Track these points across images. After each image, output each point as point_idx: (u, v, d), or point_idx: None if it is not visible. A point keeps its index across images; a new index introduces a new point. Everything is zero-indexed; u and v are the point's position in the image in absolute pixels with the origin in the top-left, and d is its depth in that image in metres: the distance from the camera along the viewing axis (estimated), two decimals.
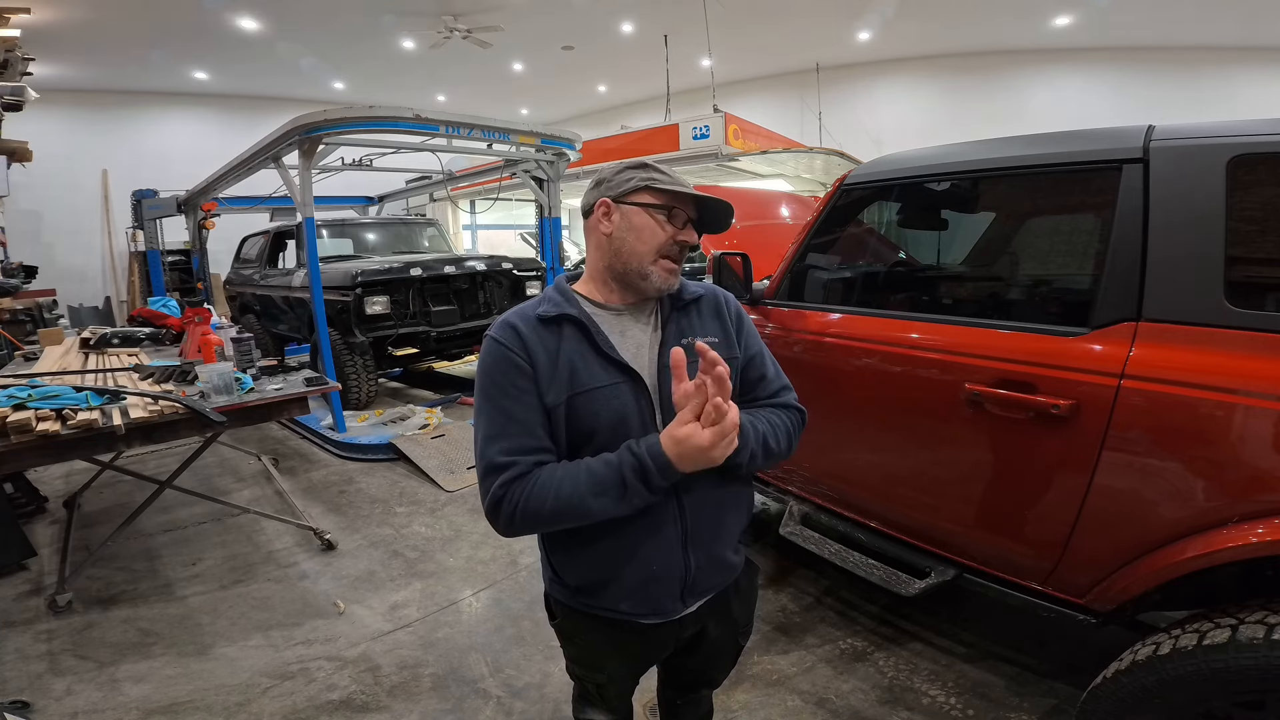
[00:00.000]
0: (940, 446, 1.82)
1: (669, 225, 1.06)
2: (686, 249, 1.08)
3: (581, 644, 1.23)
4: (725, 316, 1.17)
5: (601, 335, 1.05)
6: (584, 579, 1.11)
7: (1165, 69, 8.97)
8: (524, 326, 1.04)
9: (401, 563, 2.95)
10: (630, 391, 1.04)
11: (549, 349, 1.03)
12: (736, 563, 1.19)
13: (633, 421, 1.03)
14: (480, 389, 1.04)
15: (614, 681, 1.29)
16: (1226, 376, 1.25)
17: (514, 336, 1.03)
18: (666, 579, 1.08)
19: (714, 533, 1.11)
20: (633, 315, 1.11)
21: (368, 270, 4.86)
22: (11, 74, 5.80)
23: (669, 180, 1.07)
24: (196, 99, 11.08)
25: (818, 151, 8.38)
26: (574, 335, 1.04)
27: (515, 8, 8.11)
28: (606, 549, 1.07)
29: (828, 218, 2.23)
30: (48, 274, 7.56)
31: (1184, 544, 1.30)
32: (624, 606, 1.10)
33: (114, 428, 2.25)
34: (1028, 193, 2.03)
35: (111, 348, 4.05)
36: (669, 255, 1.07)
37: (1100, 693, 1.35)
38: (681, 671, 1.39)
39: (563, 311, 1.05)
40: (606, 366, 1.04)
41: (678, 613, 1.13)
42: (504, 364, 1.02)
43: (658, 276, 1.06)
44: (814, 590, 2.56)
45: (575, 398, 1.01)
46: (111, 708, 2.01)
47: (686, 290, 1.15)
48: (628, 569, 1.07)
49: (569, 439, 1.04)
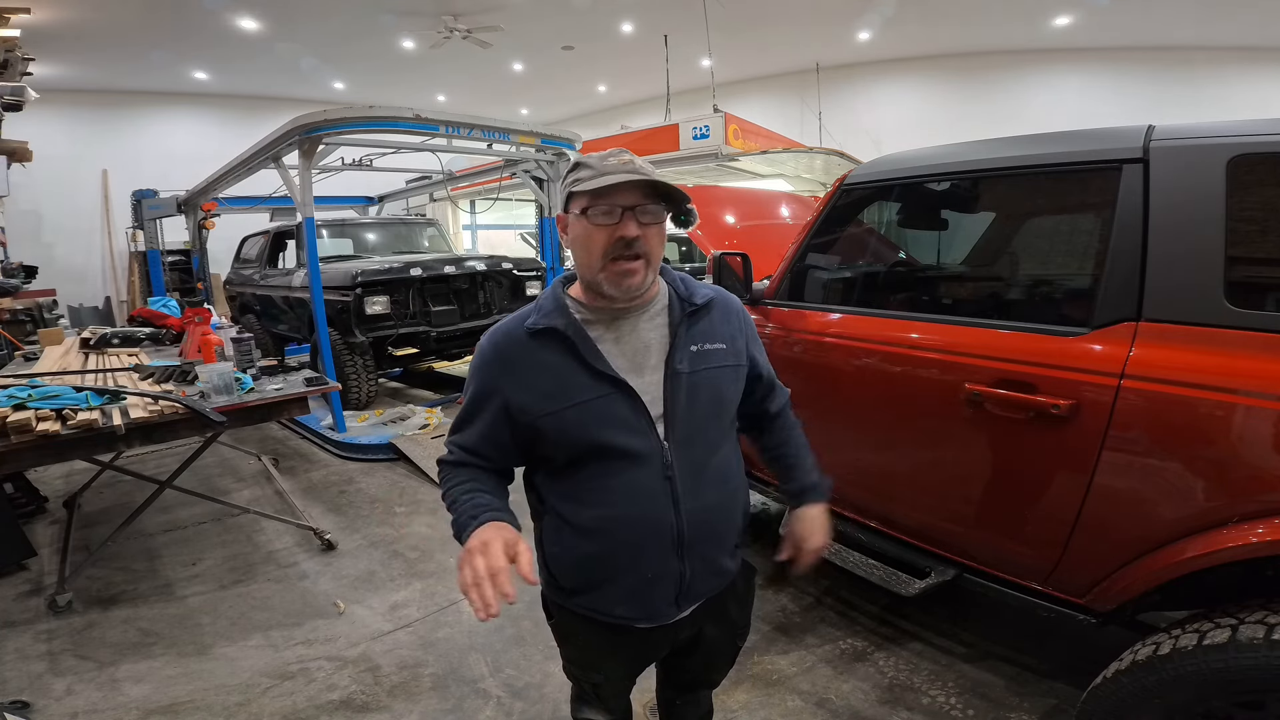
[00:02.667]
0: (940, 446, 1.82)
1: (604, 225, 0.97)
2: (635, 242, 0.98)
3: (578, 645, 1.23)
4: (735, 322, 1.16)
5: (589, 347, 1.02)
6: (578, 581, 1.11)
7: (1165, 69, 8.97)
8: (511, 341, 1.06)
9: (401, 563, 2.95)
10: (623, 401, 1.02)
11: (534, 363, 1.03)
12: (731, 568, 1.18)
13: (631, 431, 1.02)
14: (468, 380, 1.13)
15: (610, 681, 1.29)
16: (1226, 376, 1.25)
17: (494, 355, 1.07)
18: (661, 584, 1.08)
19: (710, 539, 1.11)
20: (633, 321, 1.07)
21: (368, 270, 4.86)
22: (11, 74, 5.80)
23: (588, 176, 0.97)
24: (196, 99, 11.08)
25: (818, 151, 8.37)
26: (562, 348, 1.02)
27: (515, 8, 8.11)
28: (601, 553, 1.06)
29: (828, 218, 2.22)
30: (48, 274, 7.55)
31: (1184, 544, 1.29)
32: (618, 611, 1.10)
33: (114, 428, 2.25)
34: (1028, 193, 2.02)
35: (111, 348, 4.05)
36: (618, 255, 0.98)
37: (1100, 693, 1.35)
38: (679, 671, 1.39)
39: (550, 324, 1.03)
40: (595, 379, 1.02)
41: (672, 617, 1.12)
42: (483, 375, 1.08)
43: (609, 283, 1.00)
44: (814, 590, 2.56)
45: (563, 411, 1.01)
46: (111, 708, 2.01)
47: (697, 293, 1.11)
48: (622, 574, 1.07)
49: (568, 451, 1.04)
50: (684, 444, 1.05)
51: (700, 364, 1.07)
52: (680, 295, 1.10)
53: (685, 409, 1.05)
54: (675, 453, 1.04)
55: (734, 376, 1.13)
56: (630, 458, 1.02)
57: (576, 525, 1.07)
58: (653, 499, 1.03)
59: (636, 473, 1.03)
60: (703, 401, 1.07)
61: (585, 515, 1.06)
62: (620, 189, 0.96)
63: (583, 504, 1.06)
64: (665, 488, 1.04)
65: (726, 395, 1.12)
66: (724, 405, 1.12)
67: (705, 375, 1.07)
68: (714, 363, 1.09)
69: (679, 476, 1.04)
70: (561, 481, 1.08)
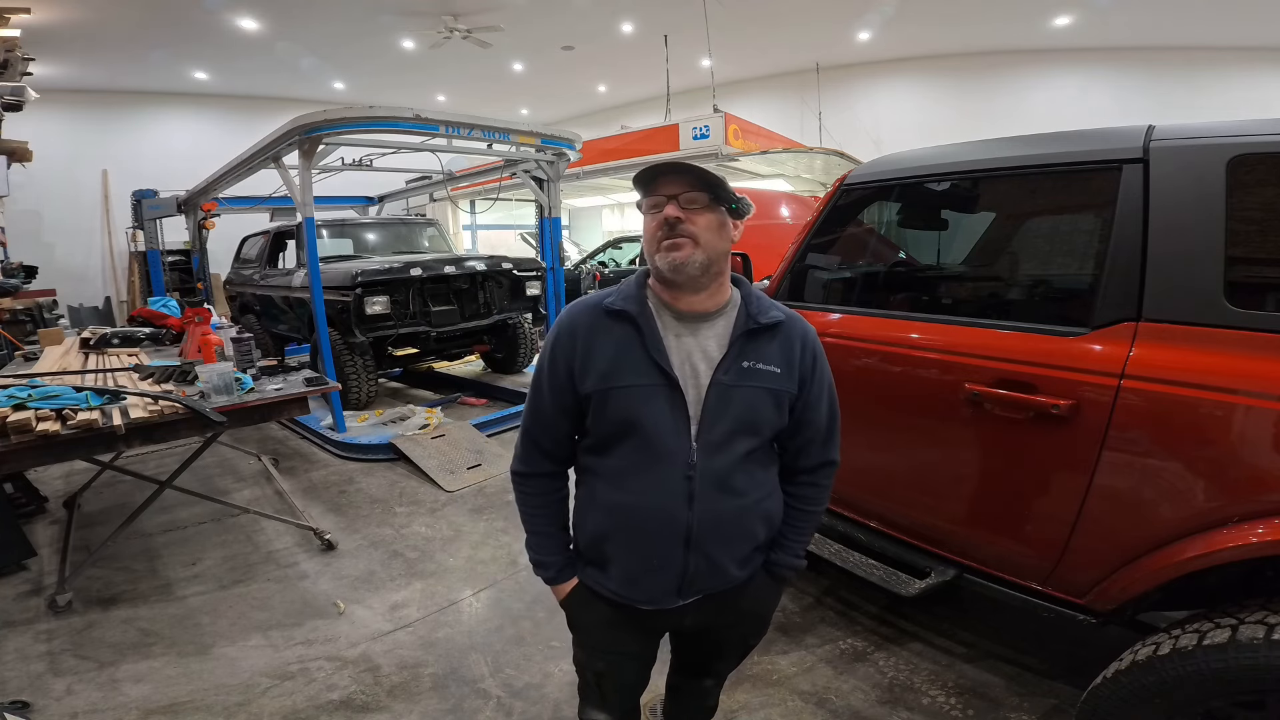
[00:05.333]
0: (940, 446, 1.82)
1: (654, 214, 1.09)
2: (678, 223, 1.06)
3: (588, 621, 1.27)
4: (799, 352, 1.15)
5: (654, 336, 1.09)
6: (593, 554, 1.21)
7: (1165, 69, 8.96)
8: (586, 314, 1.14)
9: (401, 563, 2.95)
10: (666, 396, 1.08)
11: (602, 337, 1.11)
12: (738, 576, 1.20)
13: (664, 425, 1.08)
14: (539, 361, 1.20)
15: (613, 672, 1.32)
16: (1226, 376, 1.25)
17: (569, 323, 1.15)
18: (664, 572, 1.14)
19: (718, 541, 1.14)
20: (698, 325, 1.13)
21: (368, 270, 4.86)
22: (11, 74, 5.80)
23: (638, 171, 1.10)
24: (196, 99, 11.07)
25: (818, 151, 8.37)
26: (629, 331, 1.10)
27: (515, 8, 8.11)
28: (615, 533, 1.15)
29: (828, 218, 2.22)
30: (48, 274, 7.55)
31: (1184, 544, 1.30)
32: (623, 591, 1.17)
33: (114, 428, 2.25)
34: (1028, 193, 2.02)
35: (111, 348, 4.05)
36: (663, 237, 1.08)
37: (1100, 693, 1.35)
38: (685, 652, 1.46)
39: (624, 308, 1.11)
40: (650, 368, 1.08)
41: (673, 604, 1.18)
42: (556, 341, 1.16)
43: (662, 262, 1.08)
44: (814, 590, 2.56)
45: (612, 390, 1.08)
46: (111, 708, 2.01)
47: (766, 313, 1.14)
48: (630, 556, 1.15)
49: (606, 428, 1.11)
50: (710, 450, 1.10)
51: (745, 380, 1.11)
52: (750, 311, 1.14)
53: (718, 418, 1.10)
54: (701, 456, 1.09)
55: (776, 400, 1.14)
56: (659, 451, 1.09)
57: (601, 503, 1.16)
58: (671, 494, 1.09)
59: (662, 467, 1.09)
60: (735, 414, 1.10)
61: (610, 496, 1.15)
62: (666, 181, 1.08)
63: (612, 484, 1.14)
64: (685, 487, 1.09)
65: (762, 416, 1.13)
66: (757, 424, 1.13)
67: (744, 392, 1.11)
68: (759, 382, 1.11)
69: (699, 478, 1.09)
70: (598, 458, 1.17)
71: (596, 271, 8.26)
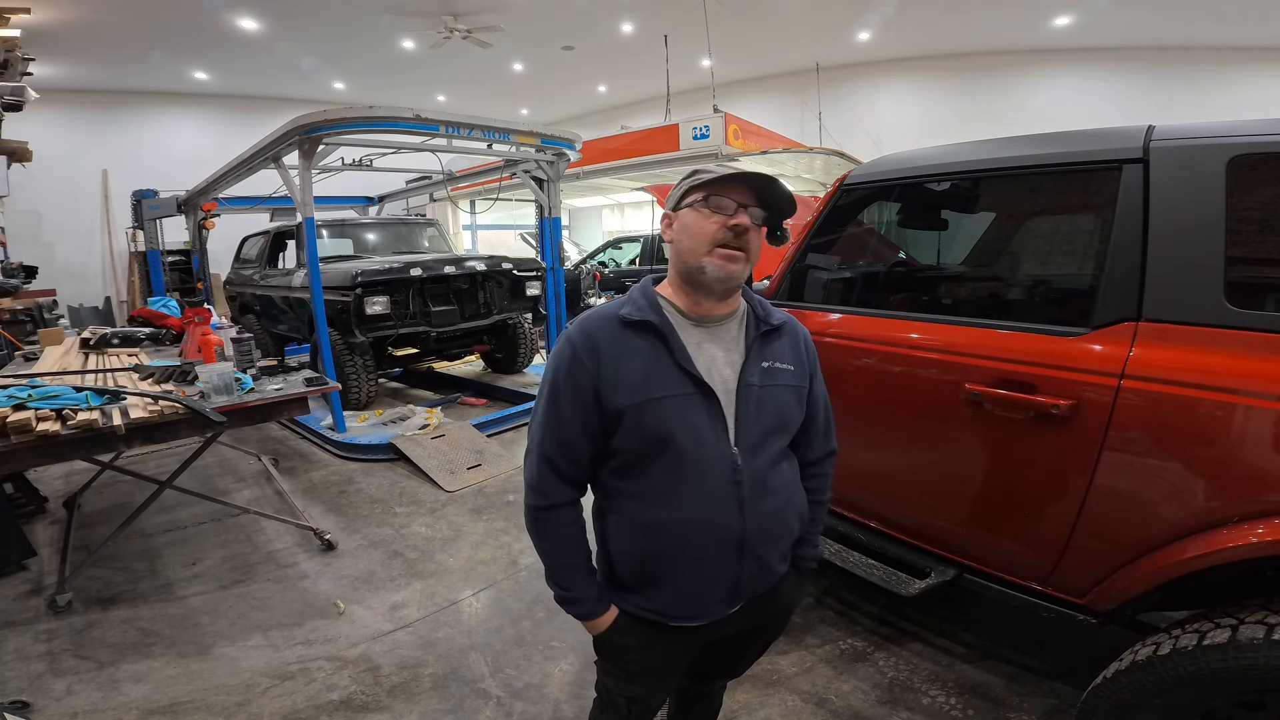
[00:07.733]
0: (940, 447, 1.82)
1: (716, 215, 1.06)
2: (742, 232, 1.06)
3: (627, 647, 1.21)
4: (802, 349, 1.22)
5: (679, 345, 1.08)
6: (639, 579, 1.14)
7: (1165, 69, 8.96)
8: (603, 330, 1.09)
9: (401, 563, 2.95)
10: (702, 404, 1.07)
11: (625, 350, 1.07)
12: (781, 571, 1.21)
13: (705, 434, 1.07)
14: (547, 382, 1.12)
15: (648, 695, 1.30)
16: (1226, 376, 1.25)
17: (585, 341, 1.08)
18: (718, 584, 1.12)
19: (768, 543, 1.15)
20: (713, 330, 1.13)
21: (368, 270, 4.86)
22: (11, 74, 5.80)
23: (709, 172, 1.08)
24: (196, 99, 11.08)
25: (818, 151, 8.36)
26: (653, 342, 1.08)
27: (515, 8, 8.11)
28: (666, 552, 1.10)
29: (828, 218, 2.22)
30: (48, 274, 7.55)
31: (1184, 544, 1.29)
32: (674, 610, 1.14)
33: (114, 428, 2.25)
34: (1028, 193, 2.03)
35: (111, 348, 4.05)
36: (724, 244, 1.06)
37: (1100, 693, 1.35)
38: (707, 661, 1.41)
39: (645, 318, 1.08)
40: (681, 377, 1.07)
41: (723, 614, 1.16)
42: (572, 363, 1.08)
43: (712, 266, 1.06)
44: (814, 590, 2.56)
45: (647, 404, 1.05)
46: (111, 708, 2.01)
47: (773, 316, 1.18)
48: (684, 572, 1.11)
49: (638, 444, 1.07)
50: (751, 453, 1.10)
51: (769, 380, 1.13)
52: (758, 315, 1.17)
53: (754, 420, 1.10)
54: (744, 459, 1.09)
55: (798, 397, 1.19)
56: (700, 461, 1.06)
57: (645, 523, 1.10)
58: (722, 503, 1.08)
59: (707, 477, 1.07)
60: (769, 415, 1.13)
61: (650, 515, 1.10)
62: (738, 187, 1.06)
63: (653, 503, 1.09)
64: (733, 492, 1.08)
65: (790, 413, 1.17)
66: (787, 421, 1.18)
67: (772, 392, 1.13)
68: (781, 381, 1.15)
69: (746, 483, 1.09)
70: (629, 479, 1.12)
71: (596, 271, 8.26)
